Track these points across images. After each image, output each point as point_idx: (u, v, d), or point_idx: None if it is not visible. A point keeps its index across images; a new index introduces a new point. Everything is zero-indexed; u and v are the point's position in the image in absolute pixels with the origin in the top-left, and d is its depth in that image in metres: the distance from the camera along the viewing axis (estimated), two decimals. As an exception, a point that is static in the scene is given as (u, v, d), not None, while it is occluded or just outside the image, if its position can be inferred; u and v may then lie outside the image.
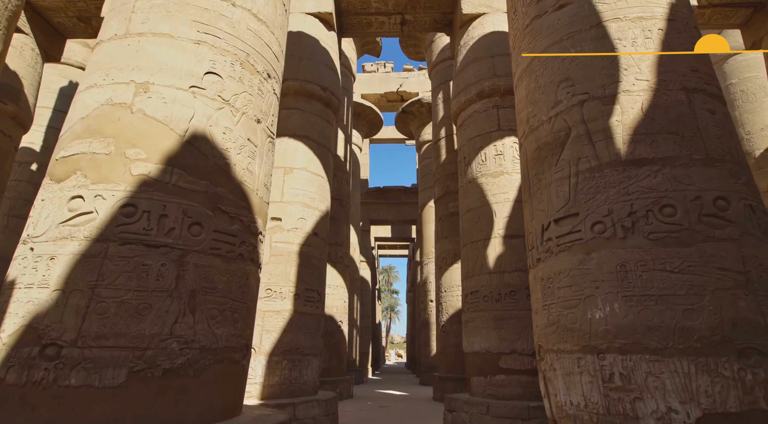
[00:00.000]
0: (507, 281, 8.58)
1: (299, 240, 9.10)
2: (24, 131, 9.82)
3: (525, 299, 8.35)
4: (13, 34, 7.68)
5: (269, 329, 8.28)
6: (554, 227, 4.29)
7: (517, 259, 8.65)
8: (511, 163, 9.41)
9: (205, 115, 4.36)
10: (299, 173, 9.57)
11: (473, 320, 8.89)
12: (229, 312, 4.18)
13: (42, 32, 11.21)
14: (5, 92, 9.48)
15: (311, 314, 8.91)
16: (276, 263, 8.74)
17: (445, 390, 13.57)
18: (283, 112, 10.01)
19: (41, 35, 11.19)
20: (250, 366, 7.86)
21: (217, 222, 4.22)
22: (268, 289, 8.54)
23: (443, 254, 15.77)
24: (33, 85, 10.74)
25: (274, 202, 9.19)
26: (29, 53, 10.90)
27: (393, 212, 32.55)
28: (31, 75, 10.74)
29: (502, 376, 8.10)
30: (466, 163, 10.17)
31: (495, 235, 9.02)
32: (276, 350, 8.18)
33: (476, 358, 8.62)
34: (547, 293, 4.26)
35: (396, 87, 27.39)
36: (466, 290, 9.39)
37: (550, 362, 4.14)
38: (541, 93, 4.79)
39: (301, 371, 8.40)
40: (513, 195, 9.16)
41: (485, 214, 9.30)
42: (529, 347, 8.05)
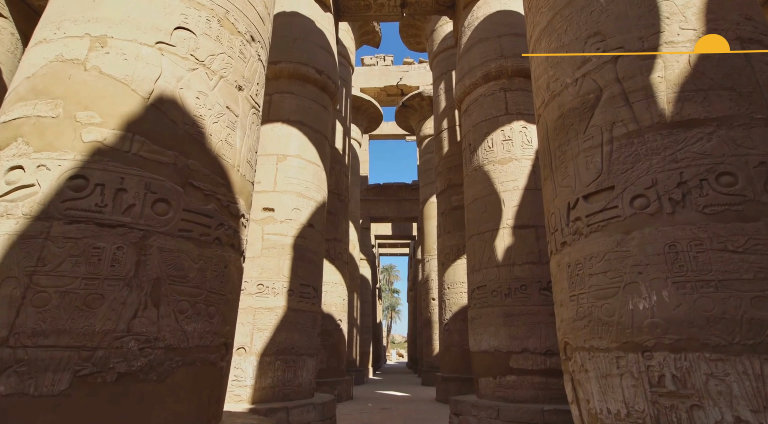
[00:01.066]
0: (517, 275, 7.96)
1: (293, 232, 8.47)
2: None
3: (537, 294, 7.73)
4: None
5: (261, 327, 7.66)
6: (584, 204, 3.66)
7: (528, 251, 8.03)
8: (520, 149, 8.78)
9: (174, 75, 3.73)
10: (293, 161, 8.95)
11: (480, 317, 8.26)
12: (202, 305, 3.55)
13: (21, 16, 10.63)
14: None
15: (307, 311, 8.28)
16: (268, 256, 8.12)
17: (449, 391, 13.00)
18: (276, 96, 9.39)
19: (21, 19, 10.61)
20: (240, 367, 7.26)
21: (188, 200, 3.59)
22: (260, 284, 7.92)
23: (446, 249, 15.15)
24: (12, 71, 10.15)
25: (267, 192, 8.57)
26: (8, 38, 10.34)
27: (393, 209, 31.91)
28: (10, 61, 10.16)
29: (512, 377, 7.47)
30: (472, 151, 9.54)
31: (504, 225, 8.39)
32: (268, 349, 7.56)
33: (484, 357, 8.00)
34: (575, 281, 3.63)
35: (396, 80, 26.76)
36: (472, 285, 8.76)
37: (580, 361, 3.51)
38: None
39: (296, 372, 7.78)
40: (522, 183, 8.54)
41: (493, 203, 8.67)
42: (542, 345, 7.42)
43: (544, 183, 4.46)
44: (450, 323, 14.18)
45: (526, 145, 8.81)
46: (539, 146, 4.66)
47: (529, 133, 8.89)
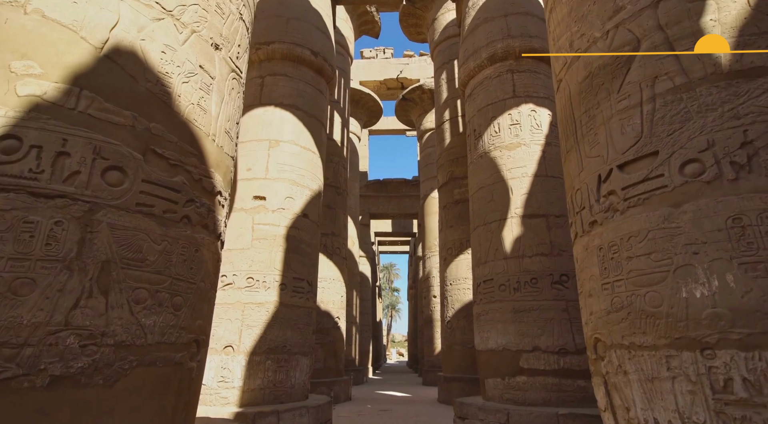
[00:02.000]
0: (527, 267, 7.38)
1: (286, 222, 7.90)
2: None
3: (548, 288, 7.16)
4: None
5: (250, 323, 7.09)
6: (619, 175, 3.08)
7: (539, 241, 7.46)
8: (529, 134, 8.21)
9: (135, 24, 3.15)
10: (287, 147, 8.37)
11: (487, 313, 7.69)
12: (166, 295, 2.98)
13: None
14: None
15: (300, 307, 7.71)
16: (259, 248, 7.54)
17: (452, 392, 12.45)
18: (269, 78, 8.82)
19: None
20: (227, 368, 6.69)
21: (149, 169, 3.01)
22: (250, 278, 7.34)
23: (448, 244, 14.58)
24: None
25: (258, 179, 8.00)
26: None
27: (393, 206, 31.33)
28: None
29: (523, 377, 6.90)
30: (477, 137, 8.96)
31: (512, 214, 7.81)
32: (258, 348, 6.99)
33: (492, 356, 7.43)
34: (609, 266, 3.06)
35: (396, 73, 26.16)
36: (478, 279, 8.19)
37: (616, 362, 2.94)
38: (591, 3, 3.58)
39: (288, 372, 7.21)
40: (532, 169, 7.96)
41: (500, 191, 8.10)
42: (555, 343, 6.85)
43: (566, 158, 3.88)
44: (453, 321, 13.61)
45: (536, 129, 8.24)
46: (559, 115, 4.09)
47: (539, 117, 8.32)
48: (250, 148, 8.24)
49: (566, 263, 7.31)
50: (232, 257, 7.48)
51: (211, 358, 6.85)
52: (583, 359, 6.74)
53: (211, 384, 6.71)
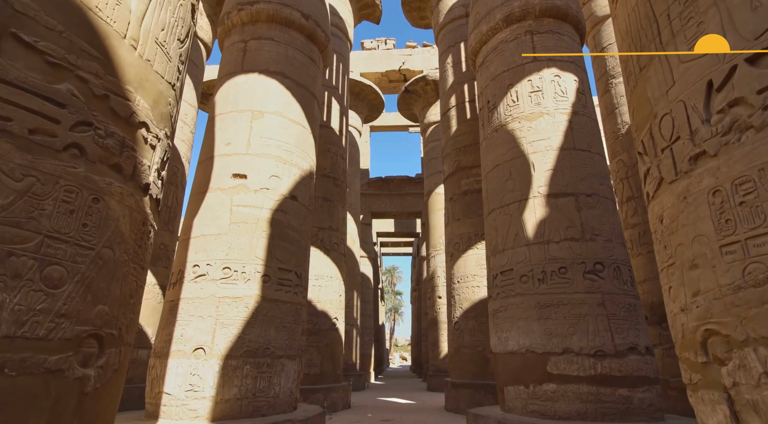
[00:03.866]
0: (553, 254, 6.24)
1: (271, 204, 6.77)
2: None
3: (580, 278, 6.01)
4: None
5: (226, 321, 5.95)
6: (749, 72, 1.95)
7: (567, 224, 6.31)
8: (552, 102, 7.08)
9: None
10: (272, 119, 7.25)
11: (506, 309, 6.54)
12: (29, 261, 1.86)
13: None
14: None
15: (286, 302, 6.58)
16: (238, 233, 6.42)
17: (460, 399, 11.30)
18: (253, 43, 7.72)
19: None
20: (197, 374, 5.55)
21: (5, 63, 1.90)
22: (226, 268, 6.22)
23: (455, 239, 13.42)
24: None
25: (238, 155, 6.88)
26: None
27: (396, 204, 30.21)
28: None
29: (552, 385, 5.74)
30: (491, 109, 7.84)
31: (534, 194, 6.68)
32: (235, 350, 5.85)
33: (512, 360, 6.27)
34: (736, 216, 1.93)
35: (398, 65, 25.10)
36: (494, 270, 7.04)
37: (758, 367, 1.79)
38: None
39: (271, 379, 6.06)
40: (557, 141, 6.83)
41: (519, 168, 6.96)
42: (591, 343, 5.69)
43: (638, 80, 2.75)
44: (461, 322, 12.44)
45: (560, 96, 7.11)
46: (622, 28, 2.95)
47: (564, 83, 7.19)
48: (229, 120, 7.14)
49: (601, 250, 6.16)
50: (206, 244, 6.36)
51: (177, 362, 5.73)
52: (624, 363, 5.59)
53: (177, 394, 5.58)
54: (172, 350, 5.82)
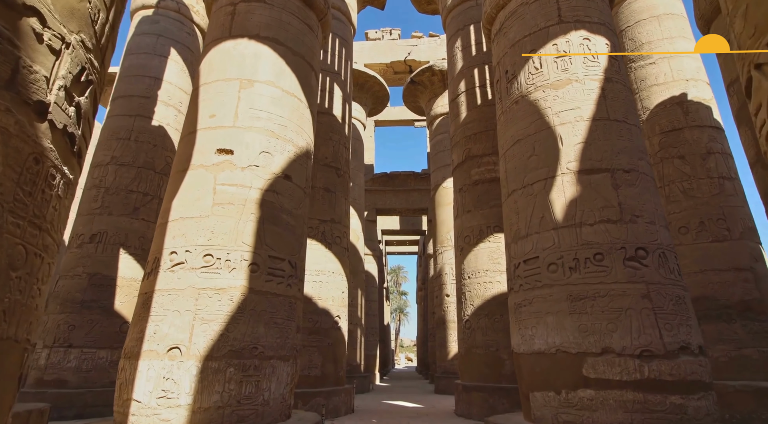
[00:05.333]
0: (587, 239, 5.36)
1: (261, 183, 5.93)
2: None
3: (620, 266, 5.13)
4: None
5: (207, 317, 5.11)
6: None
7: (603, 204, 5.44)
8: (582, 67, 6.21)
9: None
10: (263, 89, 6.41)
11: (531, 302, 5.66)
12: None
13: None
14: None
15: (279, 295, 5.73)
16: (222, 215, 5.58)
17: (472, 404, 10.43)
18: (242, 5, 6.90)
19: None
20: (171, 377, 4.70)
21: None
22: (208, 255, 5.38)
23: (465, 232, 12.54)
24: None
25: (223, 128, 6.05)
26: None
27: (401, 200, 29.34)
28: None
29: (589, 391, 4.85)
30: (509, 79, 6.97)
31: (563, 170, 5.80)
32: (216, 350, 5.01)
33: (539, 361, 5.39)
34: None
35: (404, 56, 24.26)
36: (515, 258, 6.16)
37: None
38: None
39: (259, 383, 5.21)
40: (588, 111, 5.95)
41: (545, 142, 6.09)
42: (635, 342, 4.80)
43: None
44: (472, 320, 11.55)
45: (591, 61, 6.23)
46: None
47: (594, 47, 6.32)
48: (215, 89, 6.31)
49: (643, 233, 5.28)
50: (185, 228, 5.52)
51: (148, 364, 4.89)
52: (676, 365, 4.70)
53: (147, 401, 4.74)
54: (143, 350, 4.99)
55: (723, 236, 11.41)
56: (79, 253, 11.51)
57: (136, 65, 13.89)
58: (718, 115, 13.39)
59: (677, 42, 14.51)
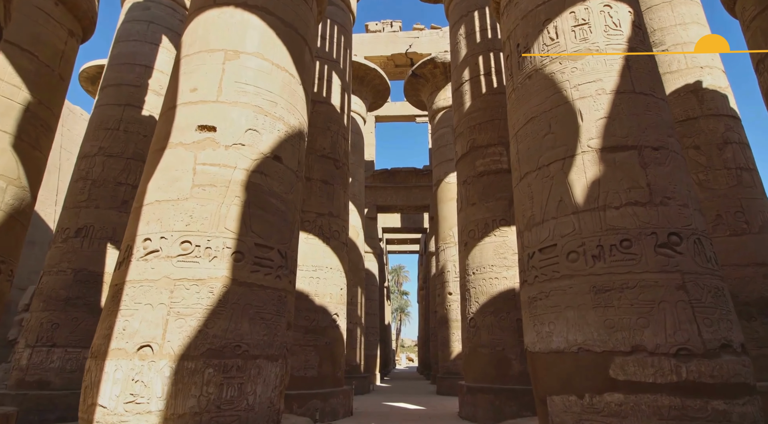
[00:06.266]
0: (613, 223, 4.75)
1: (246, 164, 5.33)
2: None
3: (651, 254, 4.52)
4: None
5: (183, 311, 4.51)
6: None
7: (629, 185, 4.83)
8: (603, 36, 5.60)
9: None
10: (250, 61, 5.81)
11: (548, 296, 5.05)
12: None
13: None
14: None
15: (266, 288, 5.12)
16: (202, 198, 4.98)
17: (477, 406, 9.85)
18: (229, -29, 6.29)
19: None
20: (140, 380, 4.09)
21: None
22: (186, 242, 4.78)
23: (470, 226, 11.93)
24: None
25: (205, 103, 5.45)
26: None
27: (402, 197, 28.73)
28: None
29: (617, 395, 4.24)
30: (521, 52, 6.37)
31: (583, 148, 5.19)
32: (193, 348, 4.41)
33: (558, 361, 4.78)
34: None
35: (405, 48, 23.68)
36: (529, 247, 5.54)
37: None
38: None
39: (243, 386, 4.60)
40: (611, 83, 5.35)
41: (562, 118, 5.48)
42: (670, 339, 4.19)
43: None
44: (477, 318, 10.95)
45: (613, 30, 5.63)
46: None
47: (616, 14, 5.72)
48: (197, 61, 5.71)
49: (676, 217, 4.67)
50: (160, 212, 4.92)
51: (116, 364, 4.30)
52: (718, 365, 4.10)
53: (113, 406, 4.15)
54: (110, 349, 4.40)
55: (741, 229, 10.80)
56: (64, 248, 10.95)
57: (125, 53, 13.32)
58: (734, 104, 12.79)
59: (691, 28, 13.90)
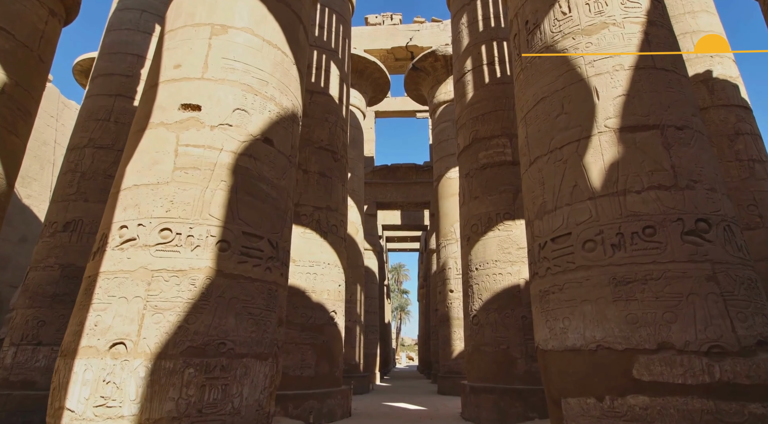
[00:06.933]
0: (634, 209, 4.33)
1: (234, 146, 4.90)
2: None
3: (677, 242, 4.09)
4: None
5: (161, 305, 4.08)
6: None
7: (652, 168, 4.40)
8: (620, 9, 5.18)
9: None
10: (239, 36, 5.38)
11: (562, 289, 4.62)
12: None
13: None
14: None
15: (255, 281, 4.70)
16: (185, 182, 4.56)
17: (481, 407, 9.44)
18: (217, -58, 5.85)
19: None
20: (113, 381, 3.66)
21: None
22: (166, 229, 4.35)
23: (472, 220, 11.51)
24: None
25: (189, 80, 5.02)
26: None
27: (402, 194, 28.29)
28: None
29: (642, 397, 3.82)
30: (530, 30, 5.94)
31: (600, 128, 4.76)
32: (172, 346, 3.98)
33: (574, 360, 4.36)
34: None
35: (405, 41, 23.23)
36: (540, 237, 5.11)
37: None
38: None
39: (228, 388, 4.18)
40: (630, 59, 4.91)
41: (576, 97, 5.05)
42: (701, 336, 3.77)
43: None
44: (480, 315, 10.52)
45: (630, 2, 5.20)
46: None
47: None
48: (181, 36, 5.28)
49: (703, 201, 4.25)
50: (138, 198, 4.50)
51: (86, 363, 3.88)
52: (755, 364, 3.68)
53: (81, 410, 3.72)
54: (80, 347, 3.98)
55: (755, 223, 10.41)
56: (52, 242, 10.54)
57: (117, 42, 12.90)
58: (746, 94, 12.37)
59: (700, 16, 13.48)
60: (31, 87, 6.69)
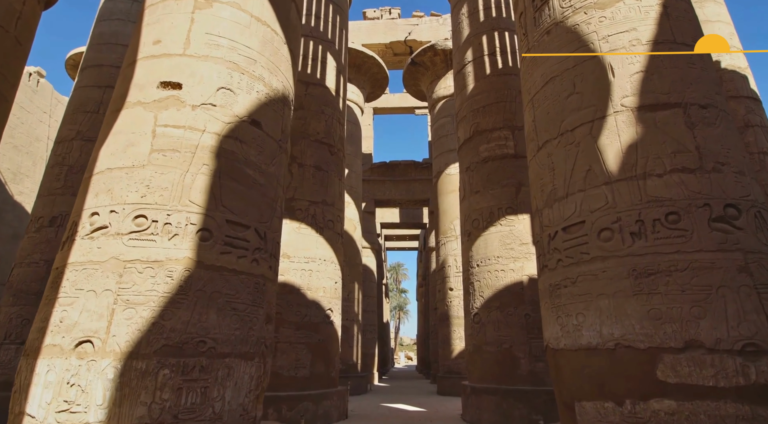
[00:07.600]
0: (655, 194, 3.93)
1: (217, 127, 4.50)
2: None
3: (704, 229, 3.70)
4: None
5: (134, 299, 3.68)
6: None
7: (674, 148, 4.01)
8: (636, -20, 4.77)
9: None
10: (225, 10, 4.98)
11: (575, 282, 4.23)
12: None
13: None
14: None
15: (240, 273, 4.30)
16: (163, 165, 4.15)
17: (482, 408, 9.08)
18: None
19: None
20: (77, 383, 3.25)
21: None
22: (141, 216, 3.95)
23: (473, 215, 11.13)
24: None
25: (169, 56, 4.62)
26: None
27: (401, 191, 27.89)
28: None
29: (667, 402, 3.42)
30: (538, 7, 5.56)
31: (616, 108, 4.37)
32: (144, 345, 3.58)
33: (590, 360, 3.96)
34: None
35: (404, 36, 22.84)
36: (550, 227, 4.72)
37: None
38: None
39: (208, 390, 3.78)
40: (647, 33, 4.53)
41: (589, 75, 4.66)
42: (733, 333, 3.38)
43: None
44: (482, 314, 10.14)
45: (647, -27, 4.81)
46: None
47: (649, -44, 4.89)
48: (162, 10, 4.88)
49: (732, 185, 3.87)
50: (111, 182, 4.10)
51: (48, 364, 3.48)
52: (795, 365, 3.29)
53: (42, 416, 3.33)
54: (44, 345, 3.58)
55: (767, 217, 9.99)
56: (37, 238, 10.14)
57: (107, 33, 12.51)
58: (755, 86, 11.99)
59: (707, 5, 13.10)
60: (7, 70, 6.28)
